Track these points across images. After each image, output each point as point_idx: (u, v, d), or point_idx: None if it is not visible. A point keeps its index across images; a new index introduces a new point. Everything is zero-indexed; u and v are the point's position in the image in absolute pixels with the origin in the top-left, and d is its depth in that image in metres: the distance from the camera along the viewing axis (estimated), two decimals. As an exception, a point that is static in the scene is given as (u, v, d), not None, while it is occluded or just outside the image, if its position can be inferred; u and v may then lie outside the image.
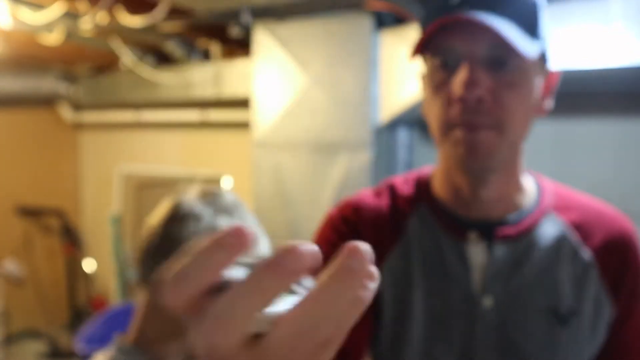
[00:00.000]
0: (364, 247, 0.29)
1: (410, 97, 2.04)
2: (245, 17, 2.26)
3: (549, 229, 0.73)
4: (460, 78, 0.63)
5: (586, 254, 0.71)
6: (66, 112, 3.98)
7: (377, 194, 0.83)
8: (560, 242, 0.72)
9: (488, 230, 0.72)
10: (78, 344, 1.92)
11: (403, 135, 2.39)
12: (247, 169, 2.40)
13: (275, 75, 2.32)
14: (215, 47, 2.91)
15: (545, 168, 2.53)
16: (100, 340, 2.10)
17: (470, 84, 0.62)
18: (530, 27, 0.65)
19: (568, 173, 2.52)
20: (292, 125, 2.28)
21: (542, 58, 0.69)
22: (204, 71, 2.93)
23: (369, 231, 0.78)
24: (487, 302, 0.70)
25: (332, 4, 2.06)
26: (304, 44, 2.24)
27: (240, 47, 2.99)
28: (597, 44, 1.76)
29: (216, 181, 3.28)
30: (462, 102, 0.64)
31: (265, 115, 2.35)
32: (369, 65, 2.09)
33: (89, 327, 2.10)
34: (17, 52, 3.12)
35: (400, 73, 2.06)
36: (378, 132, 2.14)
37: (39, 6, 2.30)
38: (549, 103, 0.75)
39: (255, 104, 2.39)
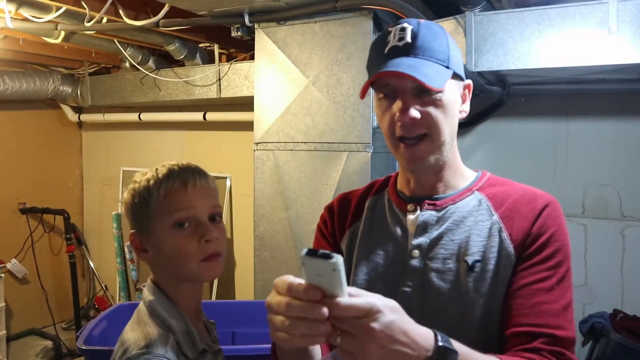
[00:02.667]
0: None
1: (410, 97, 2.05)
2: (247, 20, 2.27)
3: (471, 201, 0.96)
4: (396, 106, 0.89)
5: (495, 216, 0.92)
6: (69, 112, 4.00)
7: (363, 188, 1.10)
8: (476, 208, 0.94)
9: (421, 203, 0.97)
10: (80, 343, 1.94)
11: (403, 136, 2.40)
12: (248, 169, 2.42)
13: (276, 77, 2.33)
14: (216, 49, 2.92)
15: (545, 168, 2.54)
16: (103, 339, 2.12)
17: (403, 110, 0.88)
18: (444, 59, 0.90)
19: (568, 173, 2.53)
20: (292, 126, 2.29)
21: (457, 75, 0.93)
22: (205, 72, 2.94)
23: (339, 210, 1.08)
24: (415, 253, 0.94)
25: (331, 7, 2.07)
26: (304, 46, 2.26)
27: (241, 49, 3.01)
28: (596, 46, 1.77)
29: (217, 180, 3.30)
30: (400, 123, 0.89)
31: (266, 115, 2.37)
32: (368, 66, 2.10)
33: (92, 326, 2.12)
34: (21, 53, 3.14)
35: (399, 74, 2.07)
36: (378, 132, 2.15)
37: (43, 8, 2.31)
38: (467, 106, 0.98)
39: (256, 104, 2.40)
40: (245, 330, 2.33)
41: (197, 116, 3.33)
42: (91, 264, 4.10)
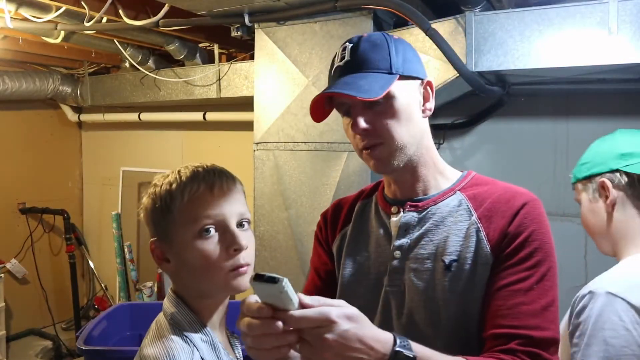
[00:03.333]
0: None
1: (410, 97, 2.05)
2: (247, 20, 2.27)
3: (451, 202, 0.97)
4: (352, 121, 0.94)
5: (474, 216, 0.93)
6: (69, 112, 4.00)
7: (356, 194, 1.14)
8: (456, 209, 0.95)
9: (404, 204, 0.99)
10: (80, 343, 1.94)
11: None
12: (248, 169, 2.42)
13: (276, 77, 2.33)
14: (216, 49, 2.92)
15: (545, 168, 2.54)
16: (102, 339, 2.12)
17: (353, 124, 0.93)
18: (385, 67, 0.93)
19: (568, 173, 2.52)
20: (292, 126, 2.29)
21: (410, 77, 0.95)
22: (205, 72, 2.94)
23: (332, 217, 1.13)
24: (397, 254, 0.97)
25: (331, 7, 2.07)
26: (304, 46, 2.26)
27: (241, 49, 3.01)
28: (596, 46, 1.77)
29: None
30: (358, 134, 0.94)
31: (266, 115, 2.37)
32: (368, 66, 2.10)
33: (92, 326, 2.12)
34: (21, 53, 3.14)
35: (399, 74, 2.07)
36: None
37: (43, 8, 2.31)
38: (431, 104, 0.99)
39: (256, 104, 2.40)
40: (245, 330, 2.33)
41: (197, 116, 3.33)
42: (91, 264, 4.10)
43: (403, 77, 0.93)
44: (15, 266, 3.76)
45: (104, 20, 2.40)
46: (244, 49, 2.96)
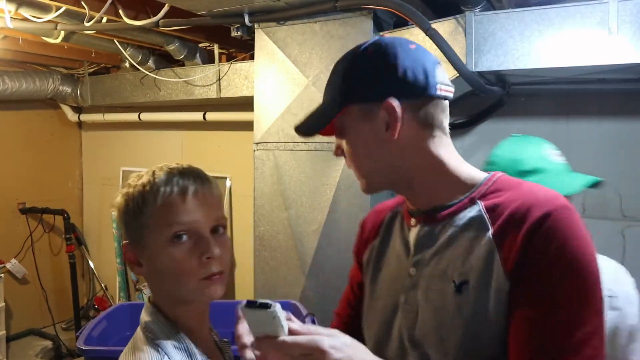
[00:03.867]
0: None
1: (410, 97, 2.05)
2: (247, 20, 2.27)
3: (469, 213, 0.84)
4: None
5: (490, 232, 0.80)
6: (69, 112, 4.00)
7: (394, 200, 1.06)
8: (471, 223, 0.83)
9: (422, 216, 0.91)
10: (80, 343, 1.94)
11: (403, 136, 2.40)
12: (248, 169, 2.42)
13: (276, 77, 2.33)
14: (216, 49, 2.92)
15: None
16: (102, 340, 2.11)
17: (335, 150, 0.93)
18: (329, 99, 0.91)
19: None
20: (292, 126, 2.29)
21: (365, 101, 0.86)
22: (205, 72, 2.94)
23: (365, 226, 1.07)
24: (412, 271, 0.89)
25: (331, 7, 2.07)
26: (304, 46, 2.26)
27: (241, 49, 3.01)
28: (596, 46, 1.77)
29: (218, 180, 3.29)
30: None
31: (266, 115, 2.37)
32: (368, 66, 2.10)
33: (92, 326, 2.12)
34: (21, 53, 3.14)
35: (399, 74, 2.07)
36: (378, 133, 2.15)
37: (43, 8, 2.31)
38: (394, 127, 0.85)
39: (256, 104, 2.40)
40: (245, 330, 2.33)
41: (197, 116, 3.33)
42: (91, 264, 4.10)
43: (357, 103, 0.86)
44: (15, 266, 3.76)
45: (104, 20, 2.40)
46: (244, 49, 2.96)
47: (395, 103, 0.83)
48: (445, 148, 0.88)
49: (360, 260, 1.05)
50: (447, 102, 0.88)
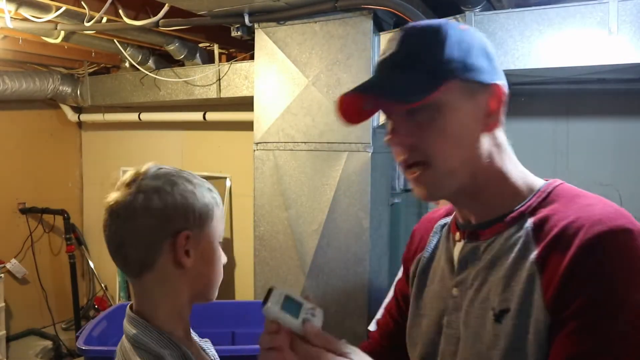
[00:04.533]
0: None
1: (410, 97, 2.05)
2: (247, 20, 2.27)
3: (514, 231, 0.74)
4: (388, 128, 0.76)
5: (533, 254, 0.69)
6: (69, 112, 4.00)
7: (446, 209, 0.96)
8: (517, 242, 0.73)
9: (468, 231, 0.81)
10: (80, 343, 1.94)
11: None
12: (248, 169, 2.42)
13: (276, 77, 2.33)
14: (216, 49, 2.92)
15: (545, 168, 2.54)
16: (102, 339, 2.11)
17: (391, 134, 0.75)
18: (432, 65, 0.72)
19: (568, 173, 2.53)
20: (292, 126, 2.29)
21: (472, 80, 0.74)
22: (205, 72, 2.94)
23: (416, 236, 0.98)
24: (455, 291, 0.80)
25: (331, 7, 2.07)
26: (304, 46, 2.26)
27: (241, 49, 3.01)
28: (596, 46, 1.77)
29: (218, 180, 3.29)
30: (394, 149, 0.77)
31: (266, 115, 2.37)
32: (368, 67, 2.11)
33: (92, 326, 2.12)
34: (21, 53, 3.14)
35: (399, 74, 2.07)
36: (378, 132, 2.15)
37: (43, 8, 2.31)
38: (496, 117, 0.75)
39: (256, 104, 2.40)
40: (245, 330, 2.33)
41: (197, 116, 3.33)
42: (91, 264, 4.10)
43: (461, 80, 0.72)
44: (15, 266, 3.76)
45: (104, 20, 2.40)
46: (244, 49, 2.96)
47: (504, 88, 0.76)
48: (509, 155, 0.79)
49: (407, 272, 0.96)
50: None
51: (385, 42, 0.79)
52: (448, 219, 0.90)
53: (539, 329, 0.66)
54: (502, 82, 0.77)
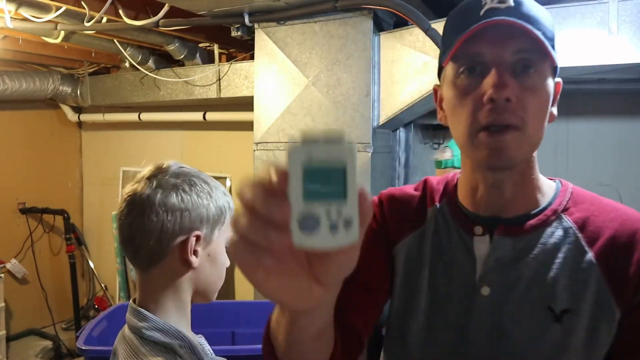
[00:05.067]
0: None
1: (410, 97, 2.05)
2: (247, 20, 2.27)
3: (556, 229, 0.75)
4: (490, 80, 0.69)
5: (589, 254, 0.72)
6: (69, 112, 4.00)
7: (414, 188, 0.91)
8: (564, 242, 0.74)
9: (493, 225, 0.78)
10: (80, 343, 1.94)
11: (402, 135, 2.40)
12: (248, 169, 2.41)
13: (276, 77, 2.33)
14: (216, 49, 2.92)
15: (545, 168, 2.54)
16: (102, 339, 2.11)
17: (499, 85, 0.68)
18: (551, 37, 0.72)
19: (568, 173, 2.53)
20: (293, 126, 2.29)
21: (555, 67, 0.76)
22: (205, 72, 2.94)
23: (393, 215, 0.87)
24: (485, 290, 0.76)
25: (332, 7, 2.07)
26: (304, 46, 2.26)
27: (241, 49, 3.01)
28: (596, 46, 1.77)
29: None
30: (491, 103, 0.69)
31: (266, 115, 2.37)
32: (368, 67, 2.11)
33: (92, 326, 2.11)
34: (21, 53, 3.14)
35: (399, 75, 2.07)
36: (378, 132, 2.15)
37: (43, 7, 2.31)
38: (555, 110, 0.80)
39: (256, 104, 2.40)
40: (245, 330, 2.33)
41: (197, 116, 3.33)
42: (91, 264, 4.10)
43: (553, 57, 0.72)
44: (15, 266, 3.76)
45: (104, 20, 2.40)
46: (244, 49, 2.96)
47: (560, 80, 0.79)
48: None
49: (387, 249, 0.85)
50: None
51: None
52: (440, 208, 0.84)
53: (610, 326, 0.70)
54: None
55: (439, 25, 1.97)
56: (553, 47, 0.73)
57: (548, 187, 0.80)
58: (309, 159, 0.38)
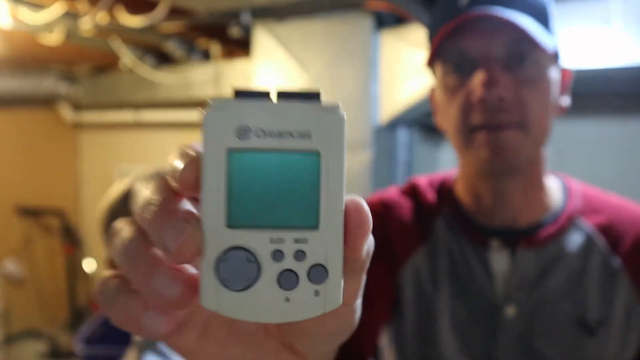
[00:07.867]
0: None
1: (410, 97, 2.04)
2: (245, 17, 2.26)
3: (576, 235, 0.70)
4: (478, 78, 0.62)
5: (615, 260, 0.68)
6: (66, 112, 3.98)
7: (403, 192, 0.80)
8: (588, 249, 0.69)
9: (511, 237, 0.70)
10: (78, 344, 1.92)
11: (403, 135, 2.39)
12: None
13: (275, 75, 2.32)
14: (215, 47, 2.91)
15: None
16: (100, 340, 2.10)
17: (489, 83, 0.61)
18: (545, 21, 0.66)
19: (568, 173, 2.52)
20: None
21: (556, 54, 0.69)
22: (203, 71, 2.93)
23: (397, 227, 0.76)
24: (510, 310, 0.68)
25: (332, 4, 2.06)
26: (304, 44, 2.25)
27: (240, 47, 3.00)
28: (597, 44, 1.76)
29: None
30: (482, 103, 0.62)
31: (265, 115, 2.36)
32: (369, 65, 2.10)
33: (89, 327, 2.10)
34: (17, 52, 3.12)
35: (400, 73, 2.06)
36: (378, 132, 2.14)
37: (39, 6, 2.30)
38: (566, 100, 0.72)
39: (255, 103, 2.39)
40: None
41: (195, 116, 3.32)
42: (88, 264, 4.09)
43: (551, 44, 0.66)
44: (12, 268, 3.74)
45: (102, 19, 2.39)
46: (243, 47, 2.95)
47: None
48: None
49: (391, 270, 0.74)
50: None
51: None
52: (446, 215, 0.75)
53: (638, 336, 0.67)
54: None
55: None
56: (548, 25, 0.66)
57: (552, 187, 0.75)
58: (245, 138, 0.20)
